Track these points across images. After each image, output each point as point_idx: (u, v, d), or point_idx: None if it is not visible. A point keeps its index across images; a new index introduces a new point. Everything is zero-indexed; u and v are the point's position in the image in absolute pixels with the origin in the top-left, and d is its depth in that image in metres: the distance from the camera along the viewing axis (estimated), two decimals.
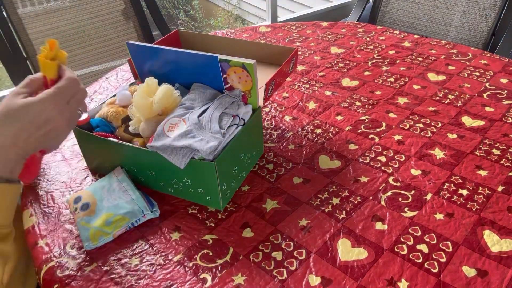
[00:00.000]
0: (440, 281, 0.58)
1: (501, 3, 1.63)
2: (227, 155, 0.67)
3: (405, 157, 0.81)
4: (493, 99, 0.97)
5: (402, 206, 0.70)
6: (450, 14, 1.75)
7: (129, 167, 0.74)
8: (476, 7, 1.68)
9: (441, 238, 0.64)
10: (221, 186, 0.68)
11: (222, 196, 0.69)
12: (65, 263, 0.63)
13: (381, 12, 1.93)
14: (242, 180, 0.76)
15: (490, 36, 1.67)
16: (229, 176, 0.70)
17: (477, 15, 1.68)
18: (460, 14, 1.72)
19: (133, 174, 0.75)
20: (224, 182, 0.69)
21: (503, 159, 0.79)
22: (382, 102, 0.98)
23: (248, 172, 0.78)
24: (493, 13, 1.64)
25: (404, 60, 1.18)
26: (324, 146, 0.85)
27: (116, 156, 0.74)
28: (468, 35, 1.72)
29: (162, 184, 0.73)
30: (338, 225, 0.67)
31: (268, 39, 1.37)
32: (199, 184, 0.69)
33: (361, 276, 0.59)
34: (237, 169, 0.73)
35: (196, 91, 0.75)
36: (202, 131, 0.66)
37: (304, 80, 1.10)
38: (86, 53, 1.67)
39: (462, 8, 1.71)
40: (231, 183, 0.72)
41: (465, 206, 0.69)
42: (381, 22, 1.95)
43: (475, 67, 1.12)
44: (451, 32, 1.76)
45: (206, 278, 0.60)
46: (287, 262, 0.61)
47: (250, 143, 0.76)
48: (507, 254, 0.61)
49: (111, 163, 0.76)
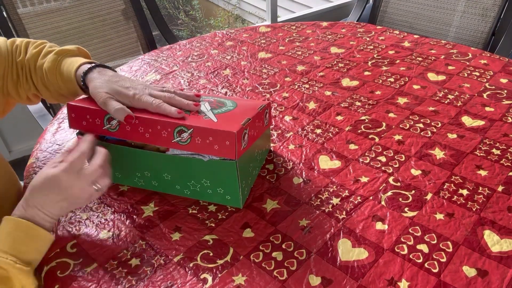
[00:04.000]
0: (441, 281, 0.58)
1: (501, 3, 1.63)
2: (245, 153, 0.68)
3: (405, 157, 0.81)
4: (493, 99, 0.97)
5: (402, 206, 0.70)
6: (450, 14, 1.75)
7: (142, 173, 0.74)
8: (476, 7, 1.68)
9: (441, 238, 0.64)
10: (240, 184, 0.69)
11: (242, 194, 0.70)
12: (65, 264, 0.63)
13: (381, 12, 1.93)
14: (255, 176, 0.77)
15: (490, 36, 1.67)
16: (247, 173, 0.72)
17: (477, 15, 1.68)
18: (460, 14, 1.72)
19: (146, 180, 0.74)
20: (243, 179, 0.70)
21: (503, 159, 0.79)
22: (382, 102, 0.99)
23: (260, 168, 0.79)
24: (493, 13, 1.64)
25: (404, 60, 1.18)
26: (324, 146, 0.85)
27: (131, 164, 0.74)
28: (468, 35, 1.72)
29: (177, 187, 0.73)
30: (339, 225, 0.67)
31: (268, 39, 1.37)
32: (219, 184, 0.70)
33: (361, 276, 0.59)
34: (252, 166, 0.74)
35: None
36: None
37: (304, 80, 1.10)
38: None
39: (462, 8, 1.71)
40: (248, 180, 0.73)
41: (465, 206, 0.69)
42: (381, 22, 1.95)
43: (475, 67, 1.12)
44: (451, 32, 1.76)
45: (207, 278, 0.60)
46: (288, 262, 0.61)
47: (261, 139, 0.77)
48: (508, 254, 0.61)
49: (123, 171, 0.75)
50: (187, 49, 1.34)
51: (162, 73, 1.19)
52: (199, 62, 1.25)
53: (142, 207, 0.73)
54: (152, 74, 1.19)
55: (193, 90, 1.09)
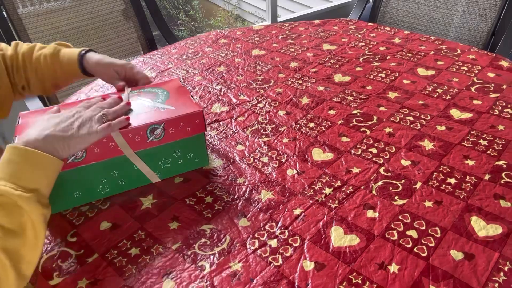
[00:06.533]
0: (429, 265, 0.60)
1: (501, 3, 1.62)
2: None
3: (395, 149, 0.83)
4: (481, 93, 1.00)
5: (393, 195, 0.72)
6: (450, 14, 1.75)
7: (109, 176, 0.73)
8: (476, 7, 1.67)
9: (430, 224, 0.66)
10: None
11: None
12: (65, 253, 0.65)
13: (381, 12, 1.92)
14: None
15: (490, 36, 1.66)
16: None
17: (477, 15, 1.68)
18: (460, 14, 1.71)
19: (112, 182, 0.74)
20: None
21: (490, 149, 0.81)
22: (373, 97, 1.01)
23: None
24: (493, 13, 1.64)
25: (394, 56, 1.21)
26: (317, 139, 0.87)
27: (96, 175, 0.72)
28: (468, 35, 1.72)
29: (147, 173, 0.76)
30: (331, 214, 0.69)
31: (261, 37, 1.39)
32: (188, 150, 0.78)
33: (353, 261, 0.61)
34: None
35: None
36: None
37: (297, 76, 1.13)
38: None
39: (462, 8, 1.70)
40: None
41: (453, 194, 0.72)
42: (381, 22, 1.93)
43: (463, 62, 1.15)
44: (451, 32, 1.75)
45: (204, 265, 0.62)
46: (282, 249, 0.64)
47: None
48: (493, 238, 0.63)
49: (85, 187, 0.73)
50: (181, 47, 1.36)
51: (157, 70, 1.21)
52: (194, 59, 1.27)
53: (141, 198, 0.75)
54: (148, 71, 1.21)
55: (188, 87, 1.11)
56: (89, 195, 0.74)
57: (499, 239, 0.63)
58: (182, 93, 0.81)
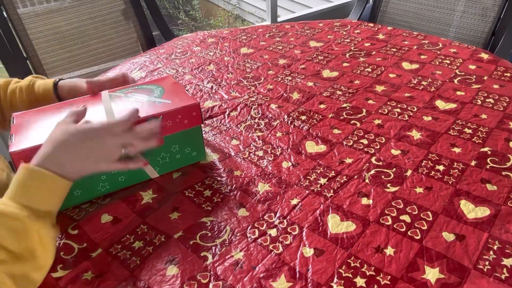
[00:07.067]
0: (423, 246, 0.63)
1: (501, 3, 1.62)
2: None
3: (385, 139, 0.86)
4: (463, 84, 1.04)
5: (385, 183, 0.75)
6: (450, 14, 1.75)
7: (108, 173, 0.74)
8: (476, 7, 1.67)
9: (421, 209, 0.69)
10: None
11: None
12: (67, 245, 0.65)
13: (381, 12, 1.93)
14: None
15: (490, 36, 1.67)
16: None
17: (477, 15, 1.68)
18: (460, 14, 1.72)
19: (112, 177, 0.74)
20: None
21: (475, 137, 0.85)
22: (361, 91, 1.04)
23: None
24: (493, 13, 1.64)
25: (379, 51, 1.24)
26: (310, 132, 0.90)
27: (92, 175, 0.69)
28: (468, 35, 1.72)
29: (146, 169, 0.77)
30: (327, 202, 0.72)
31: (248, 35, 1.41)
32: (186, 145, 0.79)
33: (350, 246, 0.64)
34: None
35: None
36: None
37: (287, 72, 1.15)
38: (86, 53, 1.68)
39: (462, 8, 1.70)
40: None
41: (442, 180, 0.75)
42: (381, 22, 1.94)
43: (446, 56, 1.19)
44: (451, 32, 1.76)
45: (207, 256, 0.63)
46: (282, 237, 0.66)
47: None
48: (482, 219, 0.67)
49: (85, 185, 0.73)
50: (169, 47, 1.37)
51: (146, 70, 1.22)
52: (183, 59, 1.28)
53: (141, 192, 0.76)
54: (137, 71, 1.22)
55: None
56: (89, 193, 0.74)
57: (487, 220, 0.66)
58: (177, 88, 0.82)
